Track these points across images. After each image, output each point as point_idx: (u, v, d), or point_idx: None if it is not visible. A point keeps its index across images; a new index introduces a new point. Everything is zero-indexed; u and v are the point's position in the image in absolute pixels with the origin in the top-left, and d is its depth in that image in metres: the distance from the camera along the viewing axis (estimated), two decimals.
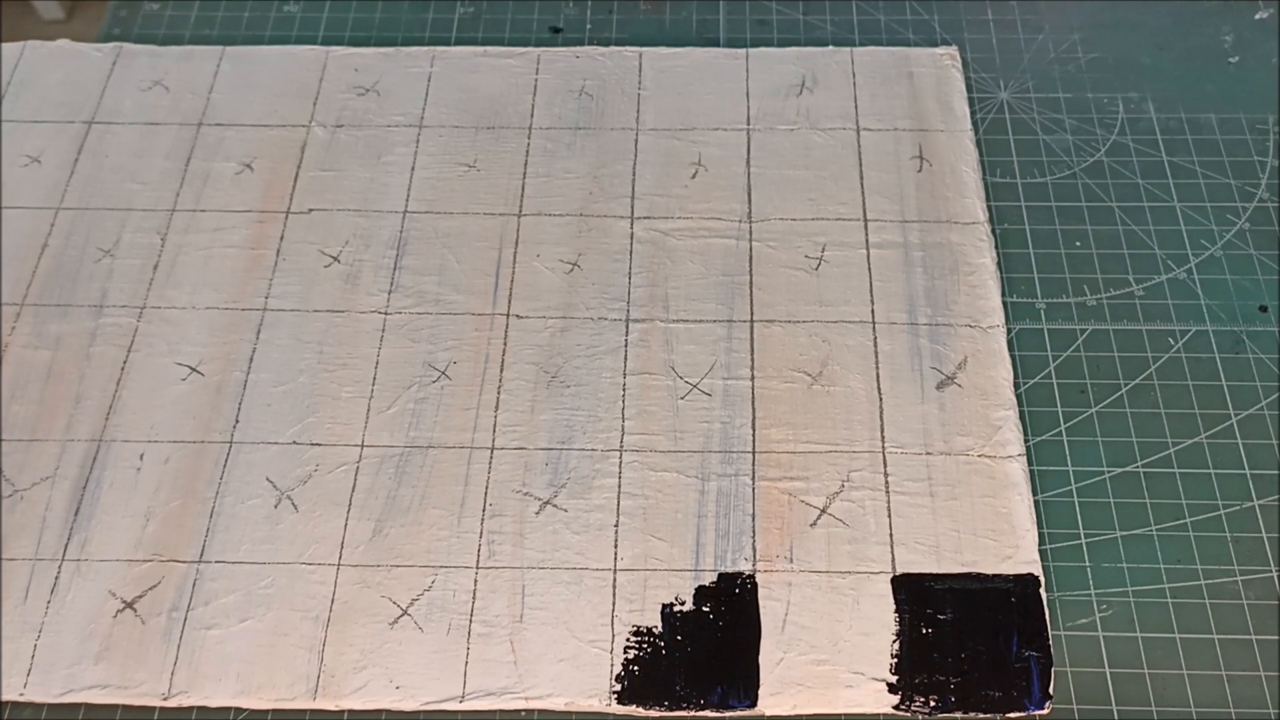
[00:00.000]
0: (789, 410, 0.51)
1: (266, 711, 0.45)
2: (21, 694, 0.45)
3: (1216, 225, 0.56)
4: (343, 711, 0.45)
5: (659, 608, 0.47)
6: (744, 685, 0.45)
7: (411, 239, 0.56)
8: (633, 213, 0.57)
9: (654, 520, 0.49)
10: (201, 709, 0.45)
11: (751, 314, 0.54)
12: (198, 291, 0.55)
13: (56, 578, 0.48)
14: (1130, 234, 0.56)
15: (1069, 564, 0.48)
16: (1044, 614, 0.46)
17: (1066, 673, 0.45)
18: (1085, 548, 0.48)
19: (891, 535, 0.48)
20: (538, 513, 0.49)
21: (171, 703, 0.45)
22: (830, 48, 0.63)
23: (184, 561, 0.48)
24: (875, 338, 0.53)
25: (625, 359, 0.53)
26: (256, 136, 0.60)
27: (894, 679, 0.45)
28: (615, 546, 0.48)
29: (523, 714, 0.45)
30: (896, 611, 0.46)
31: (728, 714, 0.44)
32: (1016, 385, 0.52)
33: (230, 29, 0.66)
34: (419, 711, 0.45)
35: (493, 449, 0.50)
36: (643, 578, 0.47)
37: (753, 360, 0.53)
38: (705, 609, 0.46)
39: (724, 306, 0.54)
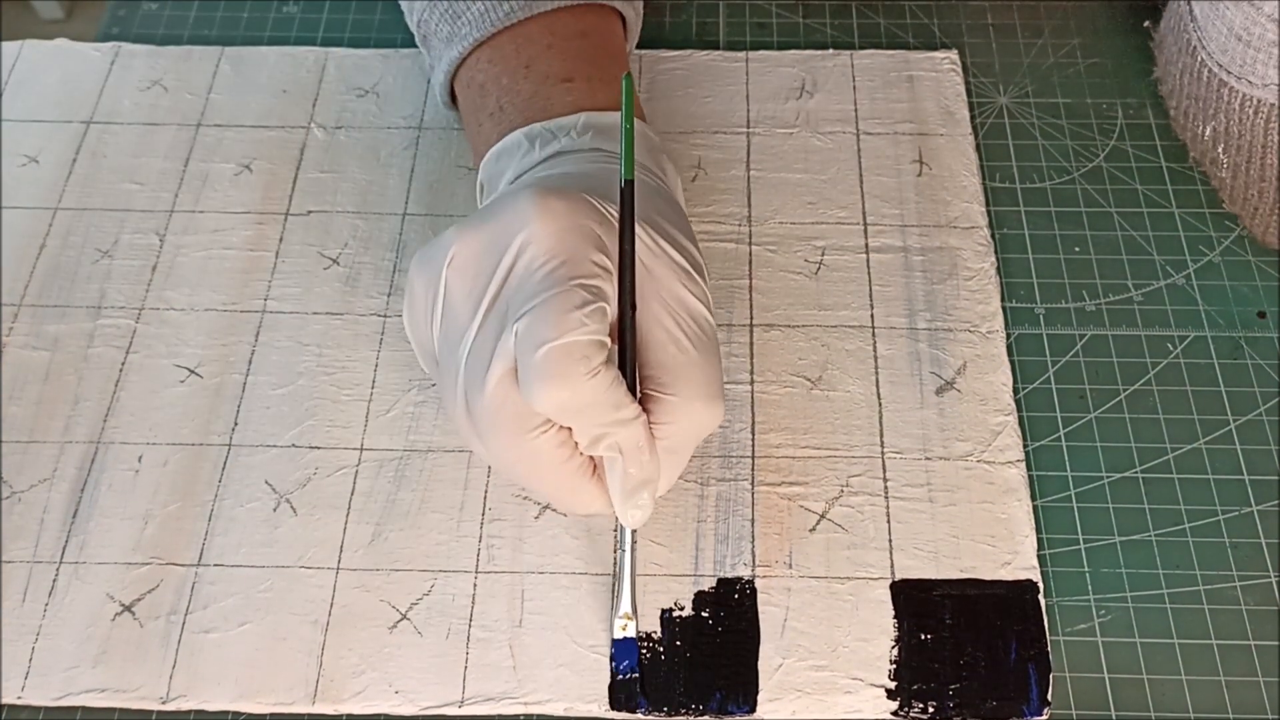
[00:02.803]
0: (788, 415, 0.51)
1: (265, 715, 0.45)
2: (19, 697, 0.45)
3: (1215, 231, 0.57)
4: (341, 715, 0.45)
5: (658, 613, 0.47)
6: (743, 691, 0.45)
7: (411, 241, 0.56)
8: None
9: (653, 525, 0.48)
10: (200, 713, 0.45)
11: (751, 318, 0.54)
12: (196, 293, 0.55)
13: (54, 580, 0.47)
14: (1129, 240, 0.56)
15: (1068, 569, 0.48)
16: (1043, 619, 0.46)
17: (1065, 678, 0.45)
18: (1084, 553, 0.48)
19: (890, 541, 0.48)
20: (537, 517, 0.49)
21: (170, 706, 0.45)
22: (830, 51, 0.63)
23: (182, 565, 0.48)
24: (875, 342, 0.53)
25: None
26: (255, 137, 0.60)
27: (892, 685, 0.45)
28: (615, 551, 0.48)
29: (521, 719, 0.45)
30: (895, 617, 0.46)
31: (726, 719, 0.44)
32: (1015, 390, 0.52)
33: (229, 29, 0.66)
34: (418, 716, 0.45)
35: None
36: (642, 583, 0.47)
37: (752, 364, 0.53)
38: (704, 614, 0.46)
39: (723, 310, 0.54)
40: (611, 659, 0.45)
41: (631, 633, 0.45)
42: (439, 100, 0.56)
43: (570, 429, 0.42)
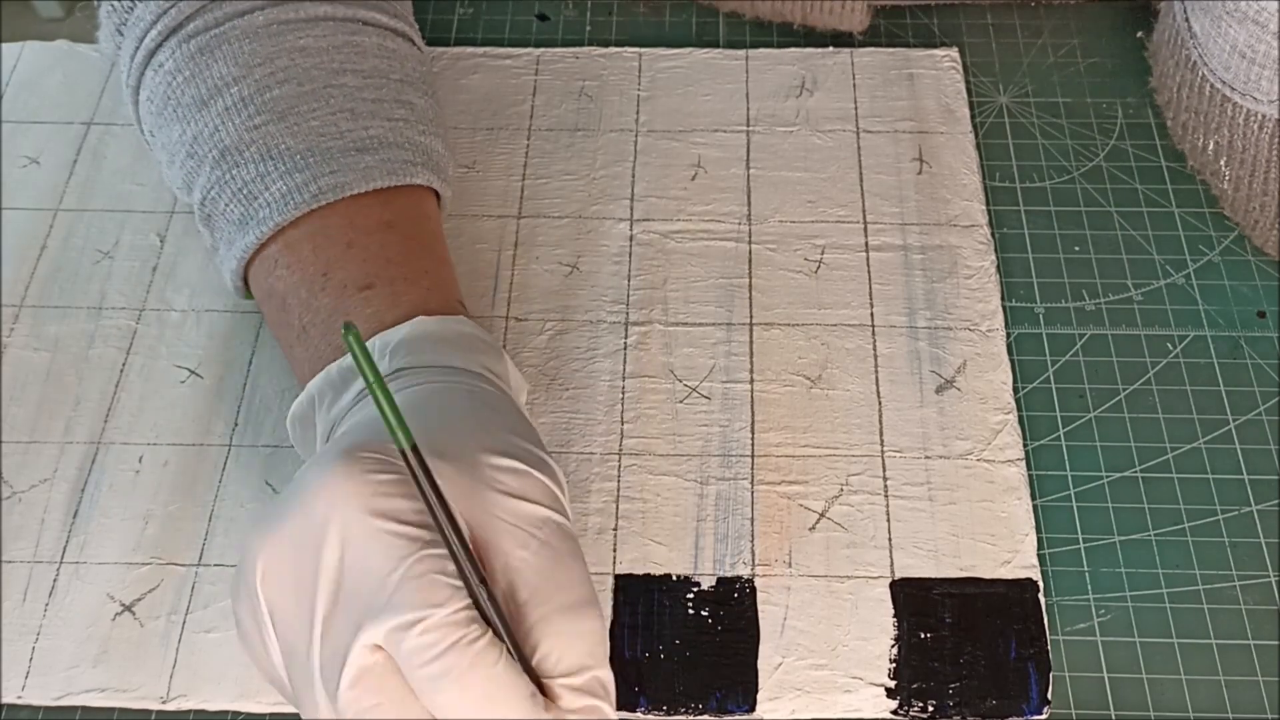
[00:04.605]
0: (788, 414, 0.51)
1: (265, 715, 0.45)
2: (19, 696, 0.45)
3: (1215, 231, 0.57)
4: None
5: None
6: (742, 690, 0.45)
7: None
8: (632, 214, 0.57)
9: (653, 524, 0.49)
10: (200, 712, 0.45)
11: (751, 317, 0.54)
12: (197, 294, 0.55)
13: (55, 580, 0.48)
14: (1129, 239, 0.56)
15: (1067, 569, 0.48)
16: (1043, 618, 0.46)
17: (1065, 677, 0.45)
18: (1084, 552, 0.48)
19: (890, 539, 0.48)
20: None
21: (170, 706, 0.45)
22: (830, 49, 0.63)
23: (183, 564, 0.48)
24: (874, 341, 0.53)
25: (624, 362, 0.53)
26: None
27: (892, 684, 0.45)
28: (614, 550, 0.48)
29: None
30: (895, 616, 0.46)
31: (726, 719, 0.44)
32: (1015, 390, 0.52)
33: None
34: None
35: None
36: None
37: (752, 363, 0.53)
38: (704, 613, 0.46)
39: (723, 309, 0.54)
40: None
41: None
42: (229, 286, 0.50)
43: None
